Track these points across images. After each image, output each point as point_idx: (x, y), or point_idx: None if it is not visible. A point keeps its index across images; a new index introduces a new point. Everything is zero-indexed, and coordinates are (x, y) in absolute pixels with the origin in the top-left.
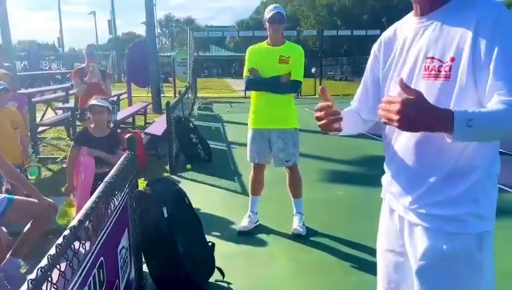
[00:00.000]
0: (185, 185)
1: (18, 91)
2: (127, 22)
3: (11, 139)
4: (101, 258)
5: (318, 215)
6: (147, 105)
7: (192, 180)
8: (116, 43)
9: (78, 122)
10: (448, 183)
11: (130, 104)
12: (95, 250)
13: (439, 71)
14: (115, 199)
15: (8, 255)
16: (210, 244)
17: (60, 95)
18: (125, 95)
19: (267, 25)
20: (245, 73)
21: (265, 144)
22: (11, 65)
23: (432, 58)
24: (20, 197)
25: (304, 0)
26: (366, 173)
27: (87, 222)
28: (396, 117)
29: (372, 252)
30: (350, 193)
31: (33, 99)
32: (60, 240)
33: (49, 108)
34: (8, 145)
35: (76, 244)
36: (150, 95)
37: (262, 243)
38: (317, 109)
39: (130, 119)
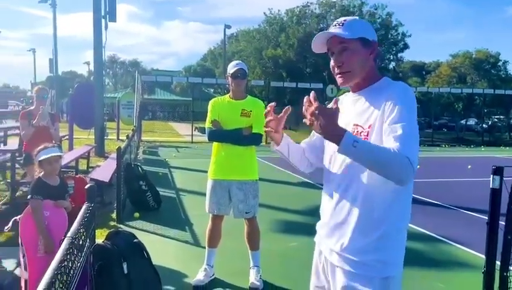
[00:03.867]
0: None
1: None
2: (68, 60)
3: None
4: None
5: (274, 268)
6: (92, 148)
7: (141, 229)
8: (56, 82)
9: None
10: (361, 234)
11: (71, 146)
12: None
13: (361, 135)
14: (78, 255)
15: None
16: None
17: None
18: (66, 137)
19: (229, 79)
20: (207, 124)
21: (225, 195)
22: None
23: (357, 125)
24: None
25: (251, 52)
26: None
27: (57, 283)
28: (315, 122)
29: None
30: (304, 245)
31: None
32: None
33: None
34: None
35: None
36: (93, 137)
37: None
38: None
39: (73, 163)
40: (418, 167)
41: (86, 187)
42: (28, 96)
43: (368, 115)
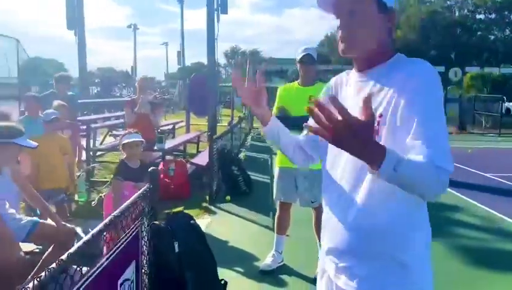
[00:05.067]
0: (221, 217)
1: (81, 117)
2: (196, 52)
3: (58, 164)
4: None
5: None
6: (200, 134)
7: (228, 212)
8: (184, 73)
9: None
10: (382, 253)
11: (187, 132)
12: (85, 281)
13: None
14: (121, 231)
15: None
16: (222, 282)
17: (120, 122)
18: (183, 123)
19: (298, 65)
20: (274, 111)
21: (292, 183)
22: (74, 94)
23: None
24: (44, 222)
25: None
26: None
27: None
28: (331, 133)
29: None
30: None
31: (93, 125)
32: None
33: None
34: (55, 169)
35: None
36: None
37: (283, 285)
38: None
39: (182, 147)
40: None
41: (149, 170)
42: (163, 86)
43: (378, 102)
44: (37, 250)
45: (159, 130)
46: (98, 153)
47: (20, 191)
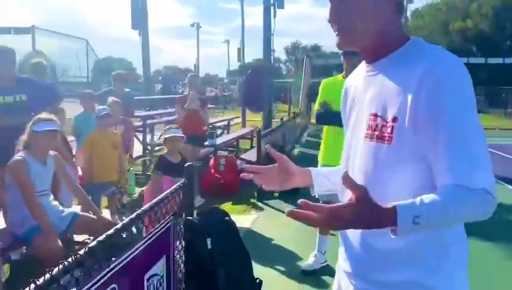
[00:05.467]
0: (268, 214)
1: (138, 113)
2: (257, 49)
3: (110, 158)
4: (114, 285)
5: None
6: (254, 130)
7: (275, 209)
8: (244, 69)
9: None
10: (410, 270)
11: (243, 127)
12: (104, 276)
13: (382, 131)
14: (150, 226)
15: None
16: (257, 281)
17: (174, 118)
18: (239, 119)
19: (341, 57)
20: (316, 106)
21: None
22: (131, 91)
23: (376, 115)
24: (85, 214)
25: (434, 27)
26: None
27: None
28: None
29: None
30: None
31: (149, 121)
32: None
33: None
34: (107, 163)
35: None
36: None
37: (324, 286)
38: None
39: (235, 143)
40: None
41: (185, 165)
42: (224, 83)
43: (390, 101)
44: (88, 241)
45: (211, 126)
46: (157, 148)
47: (63, 183)
